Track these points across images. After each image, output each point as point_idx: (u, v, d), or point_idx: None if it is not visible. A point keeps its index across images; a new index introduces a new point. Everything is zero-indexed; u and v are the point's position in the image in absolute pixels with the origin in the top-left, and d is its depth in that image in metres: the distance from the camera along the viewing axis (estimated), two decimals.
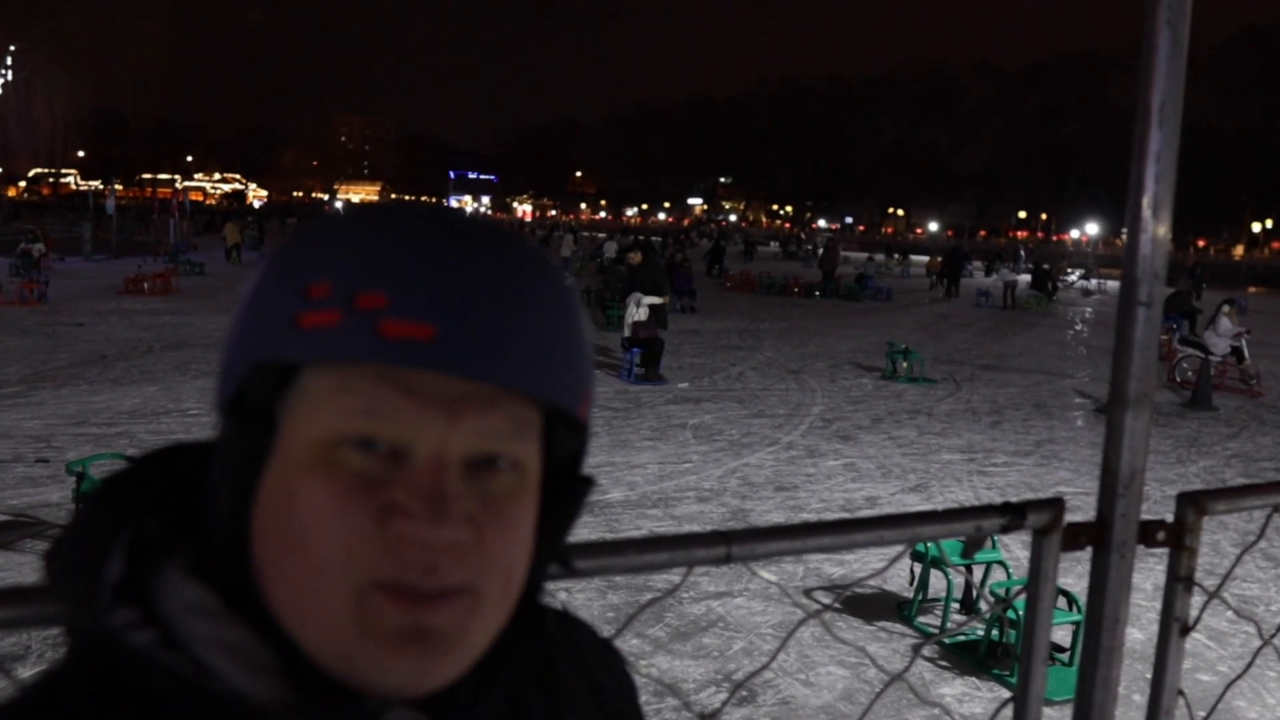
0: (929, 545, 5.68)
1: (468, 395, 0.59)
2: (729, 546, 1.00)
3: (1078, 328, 26.44)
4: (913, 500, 8.70)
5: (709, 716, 1.62)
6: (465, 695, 0.65)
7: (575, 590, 6.05)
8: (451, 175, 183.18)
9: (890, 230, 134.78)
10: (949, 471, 9.78)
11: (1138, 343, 1.21)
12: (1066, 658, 5.39)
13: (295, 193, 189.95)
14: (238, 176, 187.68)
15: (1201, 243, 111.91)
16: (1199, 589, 1.31)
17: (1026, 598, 1.22)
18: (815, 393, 13.95)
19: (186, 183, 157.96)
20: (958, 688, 5.28)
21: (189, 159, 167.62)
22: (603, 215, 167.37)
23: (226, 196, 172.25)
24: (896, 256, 58.16)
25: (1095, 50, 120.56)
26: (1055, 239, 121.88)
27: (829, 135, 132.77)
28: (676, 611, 5.97)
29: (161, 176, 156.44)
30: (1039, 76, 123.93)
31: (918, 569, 6.20)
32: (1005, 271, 33.44)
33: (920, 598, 6.11)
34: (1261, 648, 1.41)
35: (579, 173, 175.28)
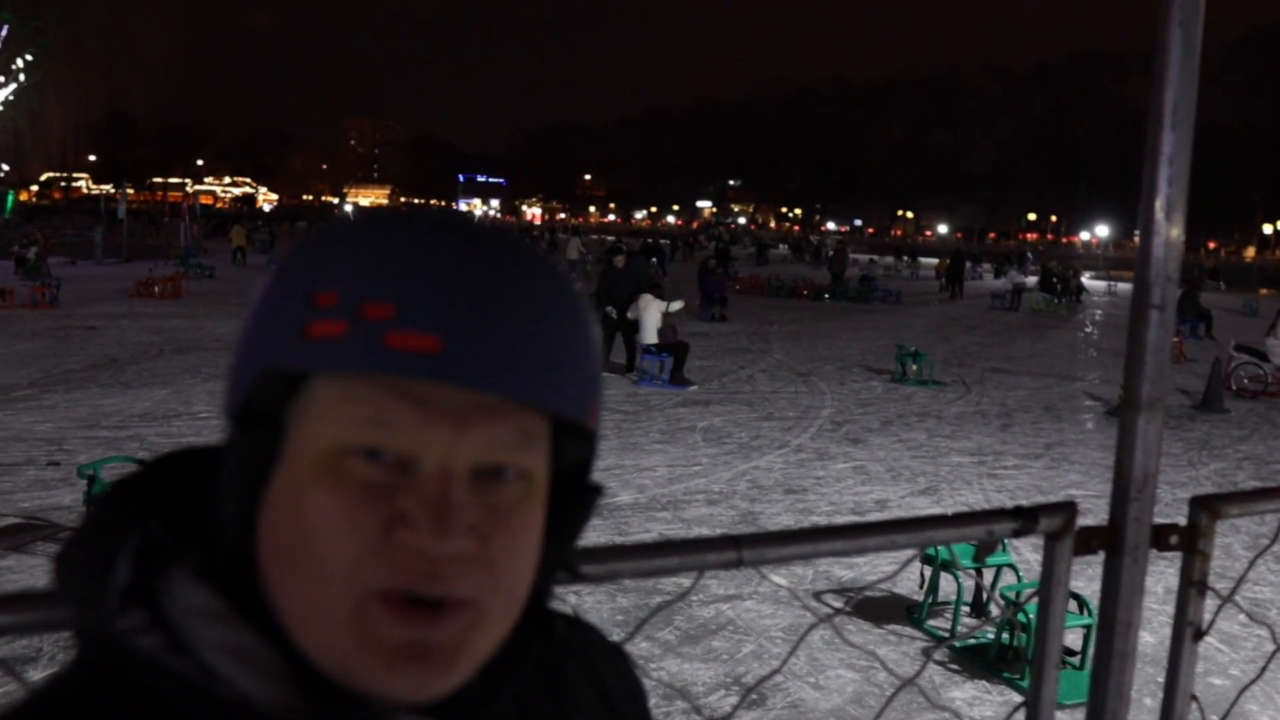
0: (939, 548, 5.66)
1: (475, 406, 0.58)
2: (739, 551, 1.00)
3: (1087, 330, 26.37)
4: (923, 503, 8.67)
5: None
6: (473, 700, 0.65)
7: (585, 594, 6.05)
8: (460, 178, 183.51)
9: (899, 232, 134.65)
10: (959, 474, 9.75)
11: (1150, 346, 1.20)
12: (1078, 661, 5.37)
13: (305, 196, 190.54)
14: (248, 180, 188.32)
15: (1213, 244, 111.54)
16: (1212, 593, 1.30)
17: (1038, 602, 1.22)
18: (825, 395, 13.93)
19: (197, 186, 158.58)
20: (968, 691, 5.27)
21: (199, 163, 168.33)
22: (612, 218, 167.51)
23: (236, 200, 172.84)
24: (905, 259, 58.07)
25: (1104, 50, 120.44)
26: (1065, 240, 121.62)
27: (838, 137, 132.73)
28: (686, 615, 5.96)
29: (172, 180, 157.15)
30: (1047, 77, 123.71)
31: (928, 572, 6.18)
32: (1013, 274, 33.38)
33: (930, 601, 6.10)
34: (1276, 652, 1.40)
35: (588, 175, 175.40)
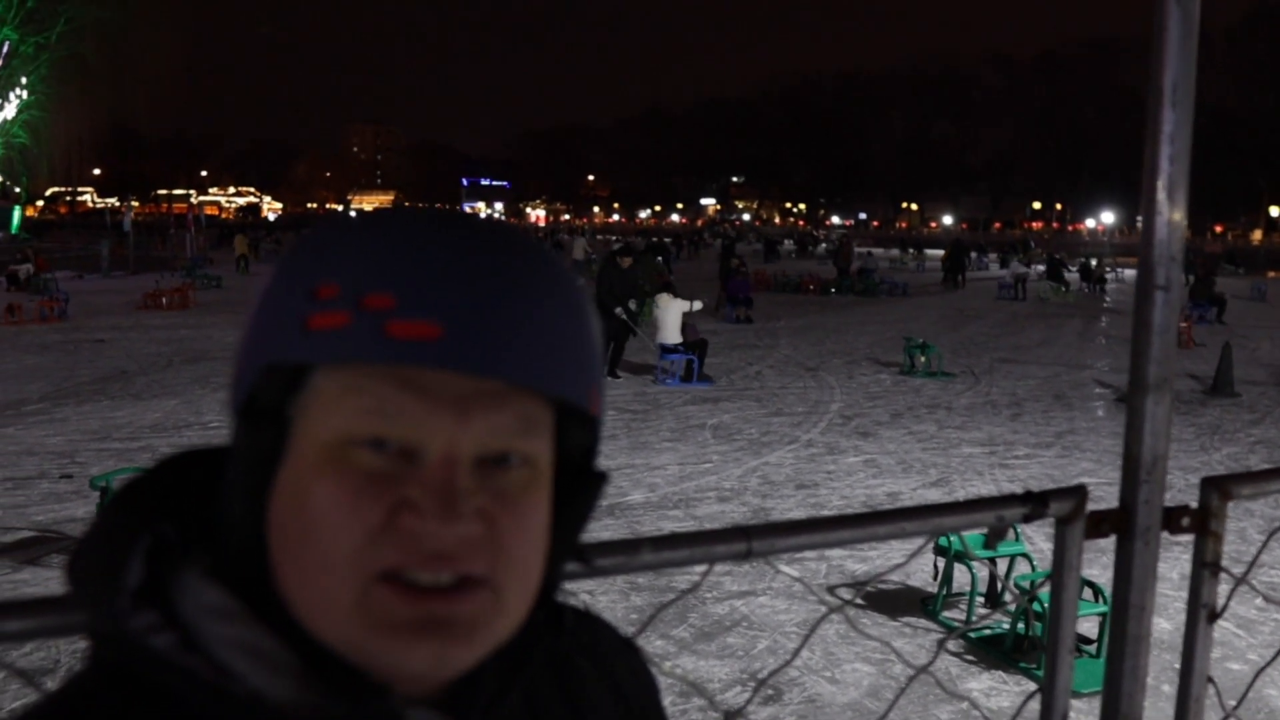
0: (951, 540, 5.66)
1: (477, 393, 0.59)
2: (749, 542, 1.00)
3: (1095, 318, 26.29)
4: (934, 495, 8.66)
5: (735, 715, 1.62)
6: (485, 694, 0.65)
7: (599, 592, 6.05)
8: (464, 182, 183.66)
9: (904, 225, 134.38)
10: (970, 465, 9.74)
11: (1156, 327, 1.20)
12: (1093, 649, 5.35)
13: (310, 204, 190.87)
14: (252, 190, 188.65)
15: (1219, 228, 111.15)
16: (1226, 575, 1.29)
17: (1051, 587, 1.21)
18: (833, 389, 13.92)
19: (201, 197, 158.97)
20: (985, 682, 5.26)
21: (204, 173, 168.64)
22: (616, 218, 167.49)
23: (241, 210, 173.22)
24: (911, 251, 57.92)
25: (1106, 38, 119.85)
26: (1070, 229, 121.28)
27: (840, 131, 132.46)
28: (700, 611, 5.96)
29: (177, 191, 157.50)
30: (1050, 66, 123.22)
31: (941, 564, 6.18)
32: (1016, 264, 33.27)
33: (944, 592, 6.09)
34: None
35: (591, 176, 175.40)
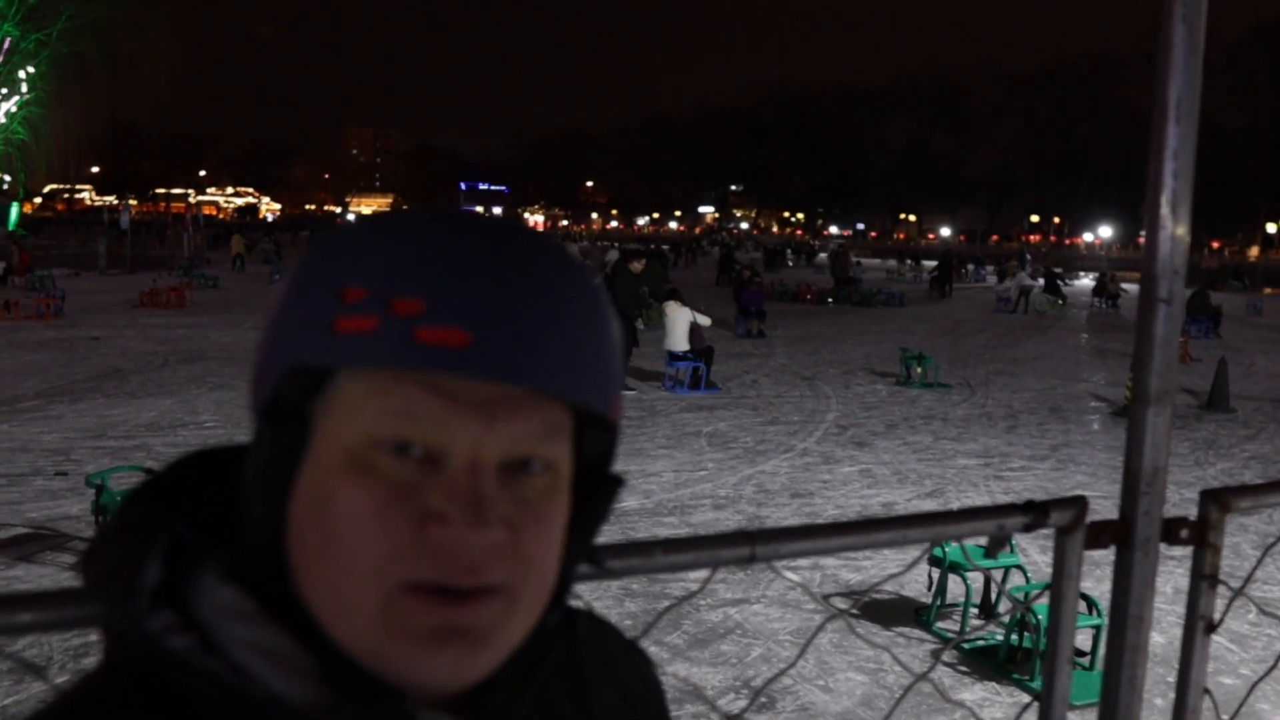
0: (946, 550, 5.66)
1: (502, 399, 0.59)
2: (753, 546, 1.01)
3: (1092, 331, 26.34)
4: (929, 506, 8.67)
5: None
6: (499, 697, 0.66)
7: (593, 598, 6.05)
8: (462, 186, 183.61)
9: (902, 236, 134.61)
10: (965, 476, 9.75)
11: (1159, 340, 1.21)
12: (1087, 662, 5.36)
13: (308, 205, 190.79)
14: (250, 190, 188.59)
15: (1216, 244, 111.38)
16: (1223, 588, 1.30)
17: (1050, 596, 1.22)
18: (829, 399, 13.93)
19: (200, 197, 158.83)
20: (978, 693, 5.26)
21: (202, 173, 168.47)
22: (614, 224, 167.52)
23: (239, 210, 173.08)
24: (909, 262, 57.99)
25: (1105, 53, 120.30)
26: (1068, 243, 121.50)
27: (839, 142, 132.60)
28: (694, 619, 5.97)
29: (175, 191, 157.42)
30: (1049, 80, 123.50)
31: (935, 574, 6.18)
32: (1022, 276, 33.30)
33: (939, 603, 6.10)
34: None
35: (590, 182, 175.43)
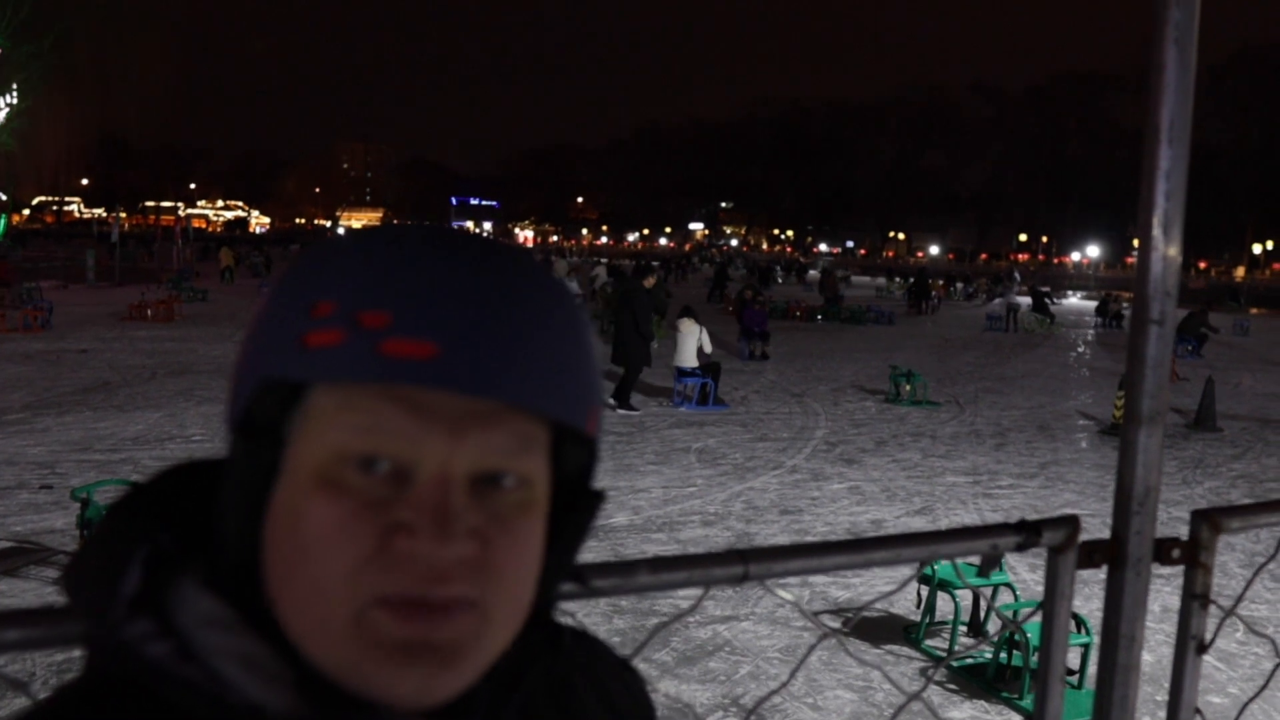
0: (936, 568, 5.66)
1: (471, 412, 0.59)
2: (746, 565, 1.00)
3: (1079, 350, 26.44)
4: (918, 523, 8.67)
5: None
6: (479, 709, 0.65)
7: (581, 614, 6.03)
8: (454, 201, 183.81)
9: (891, 254, 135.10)
10: (954, 494, 9.76)
11: (1150, 360, 1.21)
12: (1075, 680, 5.36)
13: (298, 219, 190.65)
14: (240, 203, 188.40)
15: (1203, 264, 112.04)
16: (1213, 608, 1.30)
17: (1042, 616, 1.22)
18: (819, 416, 13.94)
19: (189, 210, 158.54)
20: (966, 711, 5.25)
21: (192, 186, 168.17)
22: (605, 240, 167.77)
23: (229, 224, 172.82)
24: (898, 280, 58.18)
25: (1094, 72, 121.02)
26: (1056, 261, 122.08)
27: (829, 159, 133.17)
28: (683, 635, 5.95)
29: (165, 204, 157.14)
30: (1038, 98, 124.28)
31: (925, 592, 6.18)
32: (1011, 295, 33.42)
33: (928, 620, 6.09)
34: (1278, 667, 1.40)
35: (580, 198, 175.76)
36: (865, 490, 9.76)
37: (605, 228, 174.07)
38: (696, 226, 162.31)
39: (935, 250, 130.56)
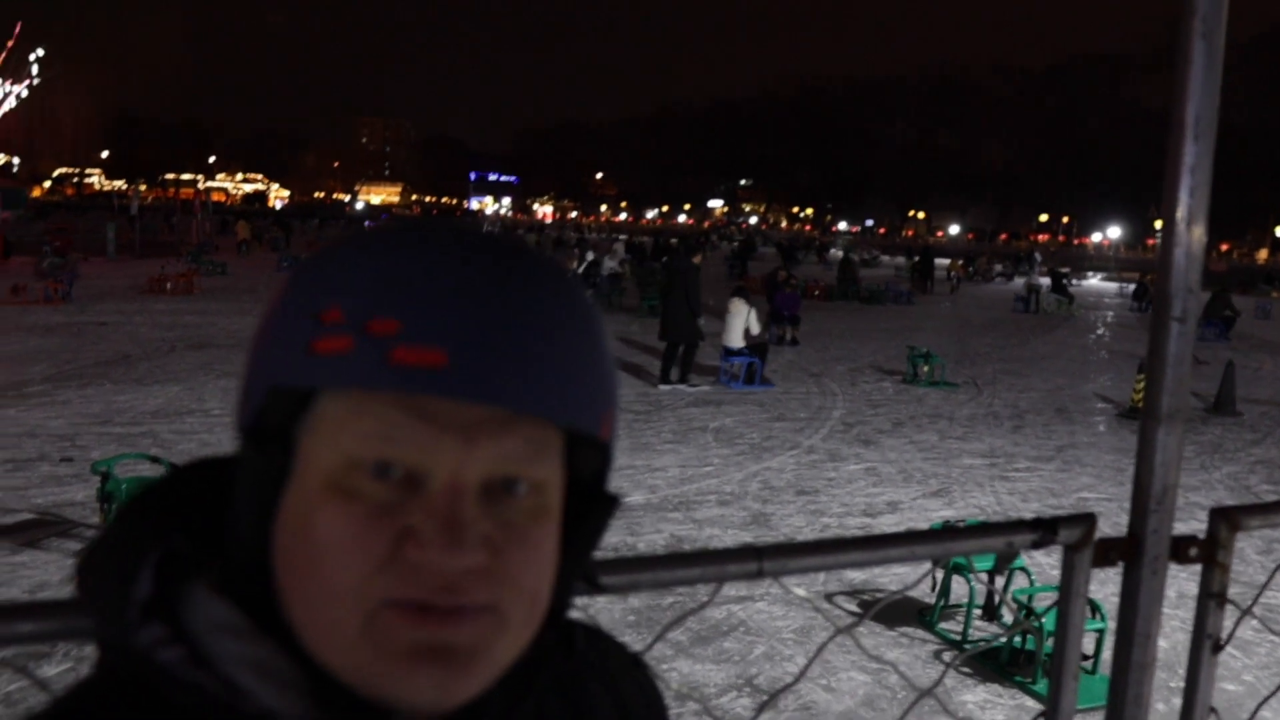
0: None
1: (483, 420, 0.58)
2: (760, 561, 1.00)
3: (1099, 332, 26.29)
4: (934, 505, 8.66)
5: None
6: (492, 711, 0.65)
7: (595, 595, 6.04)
8: (472, 176, 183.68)
9: (910, 233, 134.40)
10: (970, 476, 9.74)
11: (1171, 358, 1.20)
12: (1089, 665, 5.36)
13: (317, 193, 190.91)
14: (260, 177, 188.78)
15: (1225, 246, 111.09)
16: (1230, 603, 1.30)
17: (1057, 612, 1.22)
18: (836, 396, 13.92)
19: (209, 183, 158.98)
20: (980, 695, 5.26)
21: (211, 159, 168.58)
22: (623, 217, 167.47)
23: (247, 197, 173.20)
24: (916, 259, 57.80)
25: (1115, 52, 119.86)
26: (1076, 242, 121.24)
27: (848, 137, 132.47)
28: (698, 616, 5.94)
29: (185, 177, 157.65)
30: (1059, 78, 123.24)
31: (939, 575, 6.18)
32: (1034, 276, 33.18)
33: (942, 604, 6.09)
34: None
35: (599, 174, 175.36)
36: (882, 471, 9.75)
37: (624, 204, 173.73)
38: (716, 204, 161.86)
39: (955, 230, 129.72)
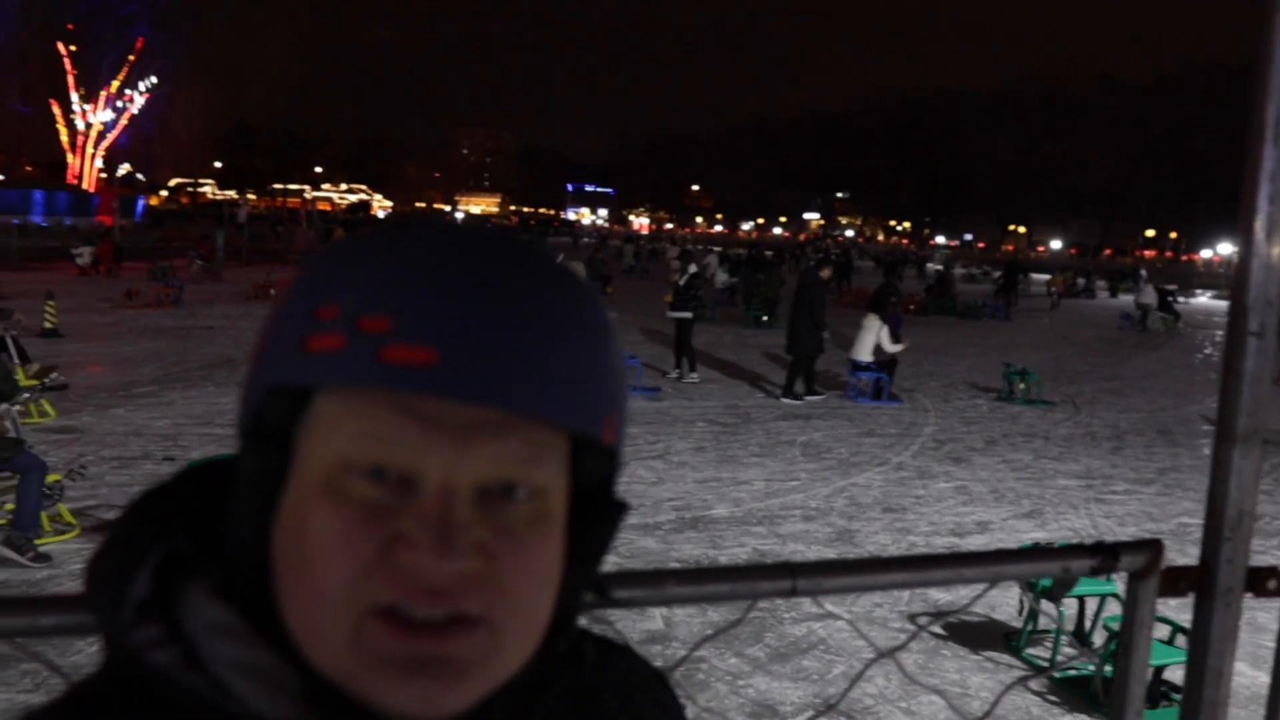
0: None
1: (477, 421, 0.57)
2: (794, 580, 0.96)
3: (1206, 351, 25.36)
4: (1026, 527, 8.43)
5: None
6: None
7: (676, 608, 6.01)
8: (569, 187, 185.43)
9: (1011, 248, 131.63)
10: (1065, 498, 9.45)
11: (1248, 375, 1.13)
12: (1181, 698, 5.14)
13: (418, 203, 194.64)
14: (363, 187, 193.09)
15: None
16: None
17: (1119, 644, 1.15)
18: (928, 412, 13.67)
19: (314, 193, 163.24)
20: None
21: (317, 170, 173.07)
22: (719, 229, 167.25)
23: (351, 206, 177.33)
24: (999, 275, 56.40)
25: (1225, 62, 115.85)
26: (1185, 259, 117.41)
27: (947, 150, 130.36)
28: (777, 631, 5.89)
29: (291, 186, 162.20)
30: (1167, 90, 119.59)
31: (1028, 599, 6.00)
32: (1147, 292, 32.13)
33: (1030, 628, 5.91)
34: None
35: (695, 186, 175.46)
36: (972, 490, 9.52)
37: (719, 216, 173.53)
38: (812, 216, 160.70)
39: (1057, 245, 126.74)
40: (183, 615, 0.60)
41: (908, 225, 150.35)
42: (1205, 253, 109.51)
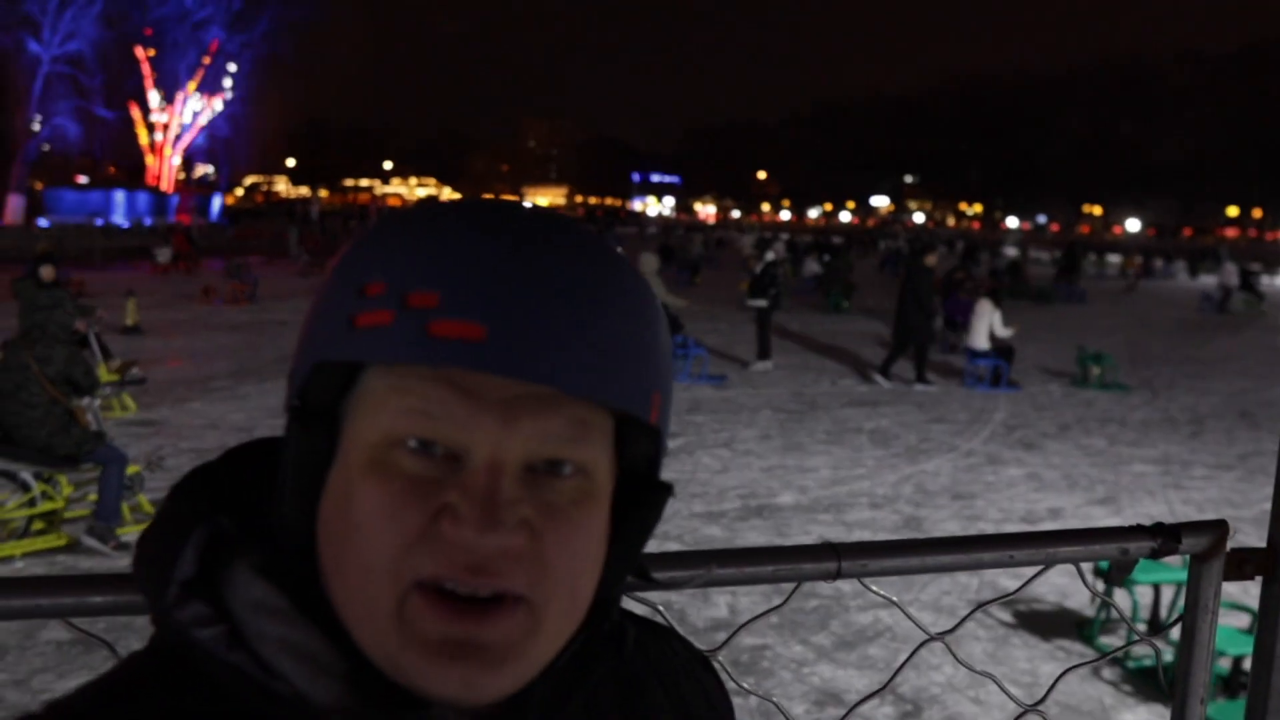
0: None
1: (524, 397, 0.57)
2: (839, 560, 0.95)
3: None
4: (1100, 513, 8.26)
5: None
6: (534, 710, 0.63)
7: (741, 595, 6.00)
8: (635, 177, 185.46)
9: (1086, 229, 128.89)
10: (1141, 484, 9.24)
11: None
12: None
13: (486, 195, 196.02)
14: (432, 181, 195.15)
15: None
16: None
17: (1181, 630, 1.12)
18: (998, 398, 13.45)
19: (384, 188, 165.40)
20: (1140, 715, 4.97)
21: (387, 165, 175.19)
22: (786, 215, 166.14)
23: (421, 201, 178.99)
24: (1092, 256, 55.31)
25: None
26: (1270, 237, 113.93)
27: (1018, 131, 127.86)
28: (843, 619, 5.85)
29: (363, 182, 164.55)
30: (1248, 61, 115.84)
31: (1101, 585, 5.88)
32: (1229, 272, 31.21)
33: (1102, 616, 5.79)
34: None
35: (762, 173, 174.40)
36: (1044, 477, 9.35)
37: (786, 203, 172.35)
38: (880, 201, 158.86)
39: (1135, 225, 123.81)
40: (228, 594, 0.61)
41: (979, 208, 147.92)
42: None
